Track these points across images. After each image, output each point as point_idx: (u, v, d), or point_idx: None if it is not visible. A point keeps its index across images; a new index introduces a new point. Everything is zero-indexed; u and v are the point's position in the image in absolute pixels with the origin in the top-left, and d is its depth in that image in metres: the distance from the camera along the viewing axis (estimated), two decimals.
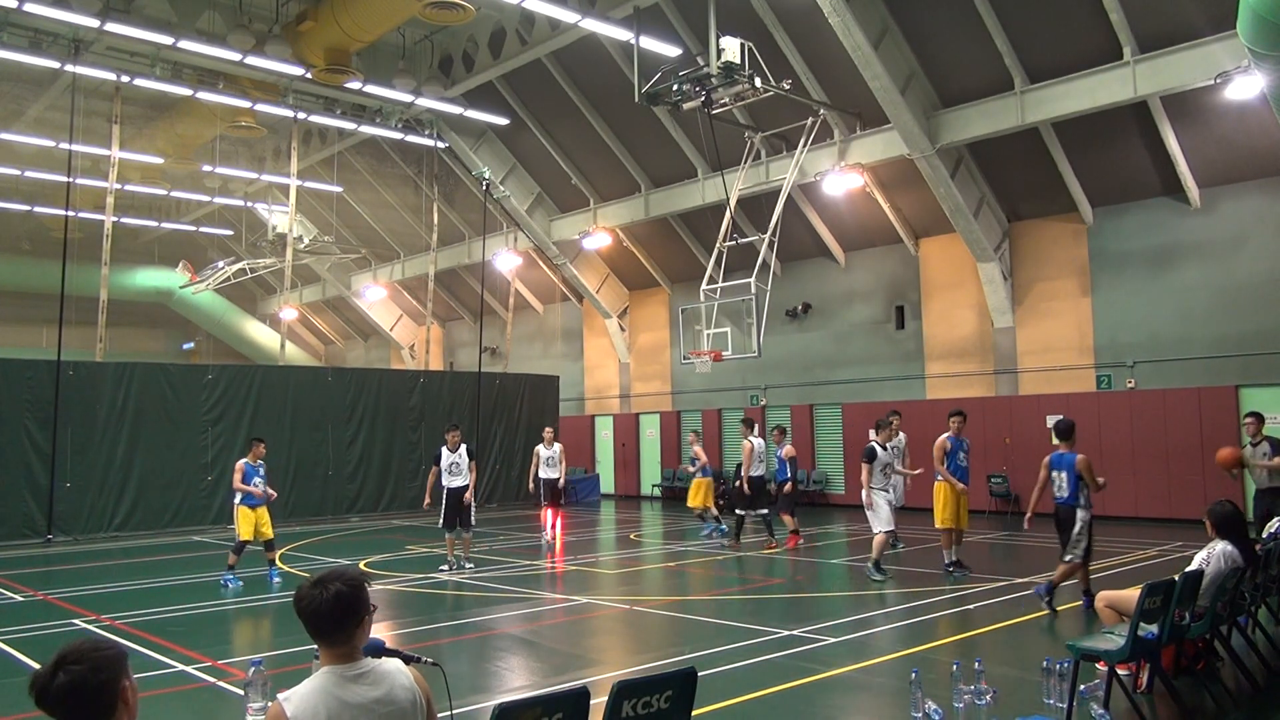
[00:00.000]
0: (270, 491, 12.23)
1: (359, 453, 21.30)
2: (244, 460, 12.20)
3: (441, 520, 12.75)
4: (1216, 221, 16.91)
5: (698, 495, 16.53)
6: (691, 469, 17.19)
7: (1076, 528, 9.13)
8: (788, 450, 14.85)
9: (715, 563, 13.40)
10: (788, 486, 14.56)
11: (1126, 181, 17.66)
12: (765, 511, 14.69)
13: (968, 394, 19.81)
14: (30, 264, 31.79)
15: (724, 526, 16.13)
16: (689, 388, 25.21)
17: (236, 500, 12.05)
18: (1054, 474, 9.33)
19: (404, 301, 34.31)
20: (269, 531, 12.17)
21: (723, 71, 15.69)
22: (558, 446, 16.13)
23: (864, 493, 11.37)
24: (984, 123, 17.34)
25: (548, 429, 17.02)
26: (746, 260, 19.48)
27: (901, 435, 13.11)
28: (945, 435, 11.37)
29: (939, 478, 11.32)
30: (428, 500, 13.64)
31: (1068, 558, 9.25)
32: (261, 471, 12.20)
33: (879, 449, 11.40)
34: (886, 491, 11.43)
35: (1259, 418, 10.65)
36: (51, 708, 2.23)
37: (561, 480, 15.68)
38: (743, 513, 14.93)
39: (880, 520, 11.21)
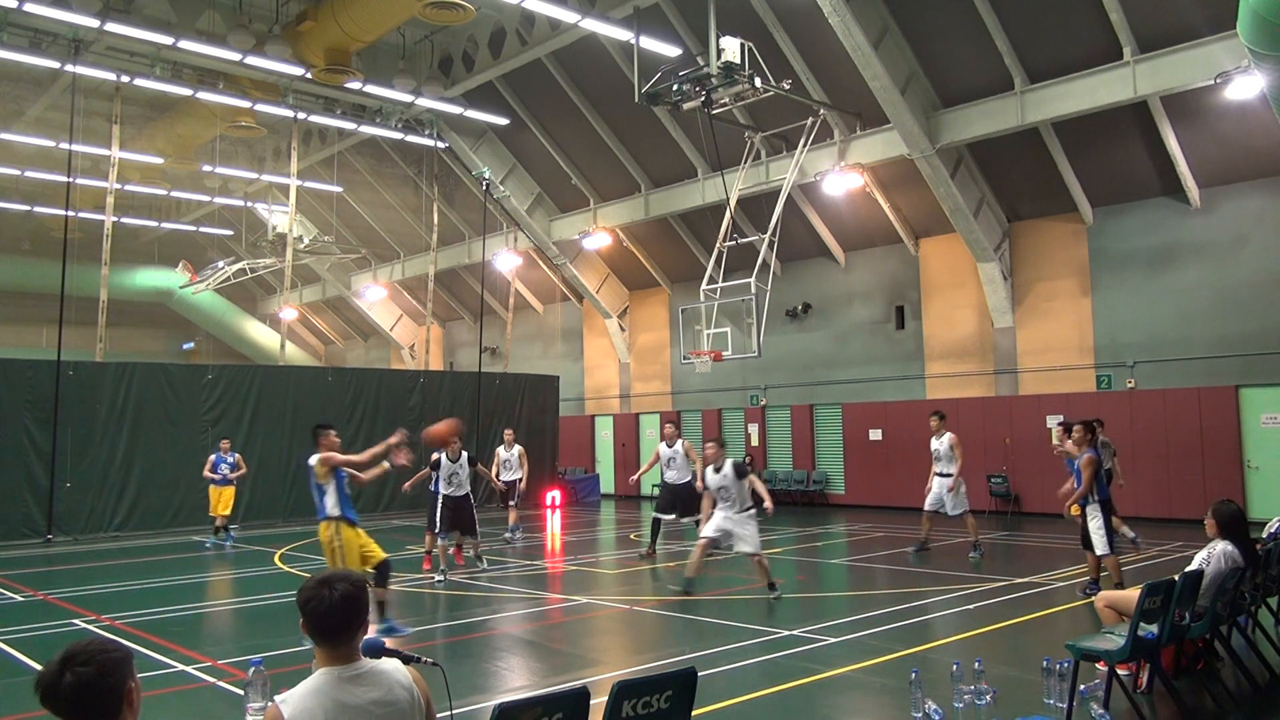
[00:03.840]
0: None
1: (359, 453, 21.24)
2: None
3: (438, 525, 12.29)
4: (1216, 221, 16.91)
5: (225, 504, 16.11)
6: (226, 474, 16.20)
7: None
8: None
9: (715, 563, 13.38)
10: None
11: (1126, 181, 17.66)
12: (698, 518, 13.83)
13: (968, 394, 19.84)
14: (30, 264, 31.79)
15: (230, 538, 16.07)
16: (689, 388, 25.21)
17: None
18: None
19: (404, 301, 34.31)
20: None
21: (723, 71, 15.69)
22: (517, 448, 16.10)
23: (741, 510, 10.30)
24: (984, 123, 17.35)
25: (508, 430, 16.97)
26: (746, 260, 19.49)
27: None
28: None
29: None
30: (408, 485, 13.12)
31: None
32: None
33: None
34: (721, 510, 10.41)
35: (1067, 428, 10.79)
36: (58, 707, 2.23)
37: (522, 483, 15.98)
38: (660, 517, 14.07)
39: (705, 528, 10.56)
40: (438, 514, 12.39)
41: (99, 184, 23.93)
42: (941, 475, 13.26)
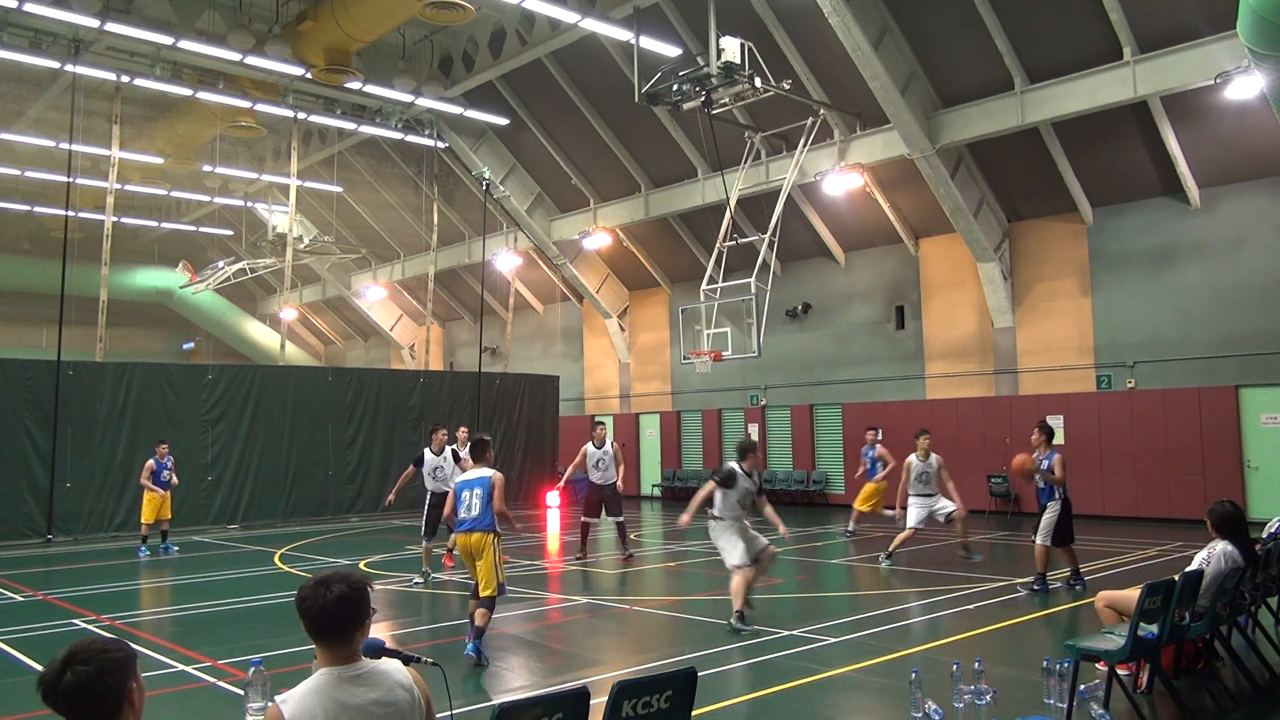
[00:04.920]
0: None
1: (359, 453, 21.29)
2: None
3: (423, 525, 11.87)
4: (1216, 221, 16.91)
5: (166, 510, 15.20)
6: (166, 481, 15.07)
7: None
8: None
9: (715, 563, 13.38)
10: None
11: (1126, 181, 17.66)
12: (620, 519, 13.76)
13: (968, 394, 19.84)
14: (30, 264, 31.81)
15: (171, 546, 15.11)
16: (689, 388, 25.21)
17: None
18: None
19: (404, 301, 34.32)
20: None
21: (723, 71, 15.69)
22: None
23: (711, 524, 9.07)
24: (984, 123, 17.35)
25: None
26: (746, 260, 19.49)
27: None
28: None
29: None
30: (391, 498, 12.93)
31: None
32: None
33: (740, 473, 8.90)
34: (737, 521, 8.92)
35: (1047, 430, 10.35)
36: (58, 705, 2.24)
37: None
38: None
39: (732, 555, 8.78)
40: (425, 511, 11.90)
41: (99, 184, 23.94)
42: (925, 495, 12.55)
